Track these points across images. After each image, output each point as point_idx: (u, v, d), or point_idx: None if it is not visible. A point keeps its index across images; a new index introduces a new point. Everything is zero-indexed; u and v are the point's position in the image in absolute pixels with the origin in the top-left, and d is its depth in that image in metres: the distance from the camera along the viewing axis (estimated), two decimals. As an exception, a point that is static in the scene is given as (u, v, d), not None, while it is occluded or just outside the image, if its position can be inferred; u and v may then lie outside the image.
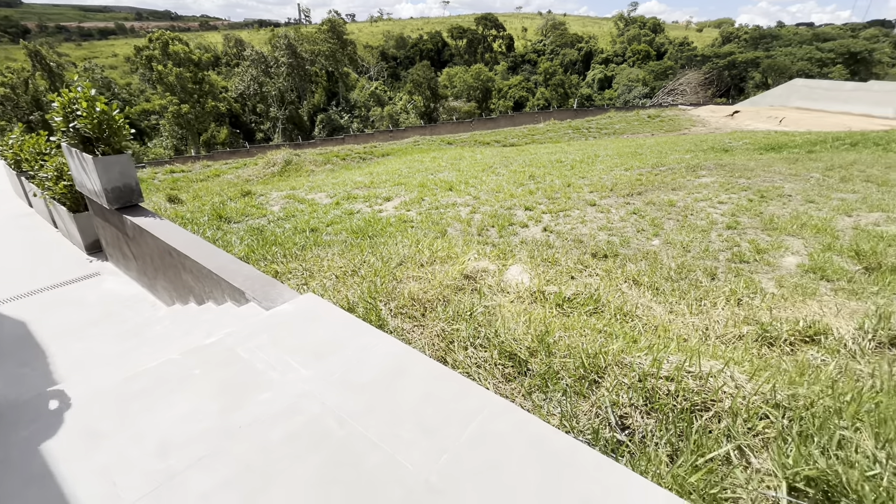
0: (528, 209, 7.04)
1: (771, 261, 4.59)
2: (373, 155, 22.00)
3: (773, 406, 1.94)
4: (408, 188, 9.84)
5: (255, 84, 42.61)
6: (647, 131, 26.50)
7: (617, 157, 13.03)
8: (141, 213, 3.65)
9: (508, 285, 4.10)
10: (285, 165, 17.09)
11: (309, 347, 2.01)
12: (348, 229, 6.89)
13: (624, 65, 66.61)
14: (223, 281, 2.64)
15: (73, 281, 4.17)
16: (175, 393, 1.69)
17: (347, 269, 4.40)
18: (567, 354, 2.64)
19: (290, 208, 8.98)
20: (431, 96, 53.18)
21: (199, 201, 9.74)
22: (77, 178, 3.94)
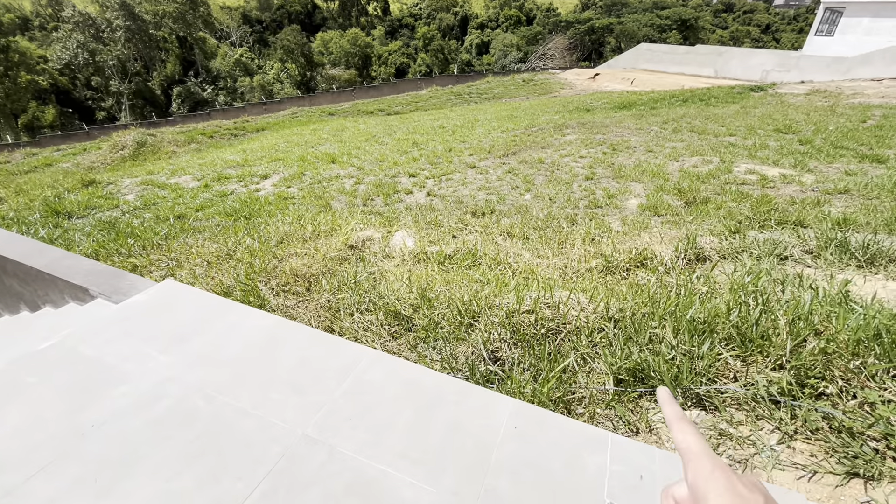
0: (412, 176, 7.14)
1: (619, 204, 5.32)
2: (245, 130, 20.16)
3: (608, 320, 2.34)
4: (287, 164, 9.30)
5: (85, 52, 35.43)
6: (522, 95, 28.02)
7: (495, 120, 13.67)
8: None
9: (393, 251, 4.20)
10: (138, 148, 14.85)
11: (169, 334, 1.90)
12: (221, 212, 6.37)
13: (498, 30, 68.70)
14: (59, 279, 2.31)
15: None
16: (4, 406, 1.50)
17: (220, 254, 4.11)
18: (447, 306, 2.84)
19: (149, 195, 7.97)
20: (307, 64, 49.60)
21: (24, 196, 8.13)
22: None
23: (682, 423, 0.53)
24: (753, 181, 5.68)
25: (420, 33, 65.42)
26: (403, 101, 27.27)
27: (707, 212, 4.62)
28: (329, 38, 55.40)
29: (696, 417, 1.80)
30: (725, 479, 0.46)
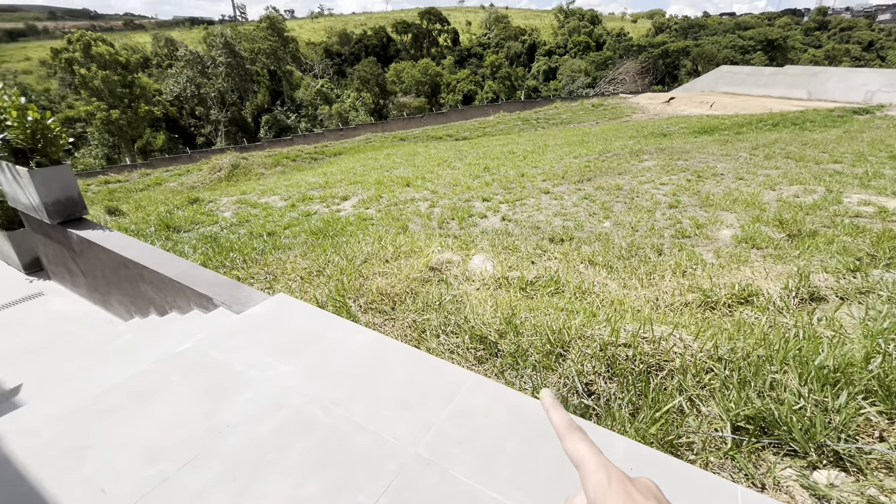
0: (486, 200, 7.22)
1: (709, 234, 5.00)
2: (324, 154, 21.56)
3: (717, 360, 2.17)
4: (364, 186, 9.79)
5: (192, 86, 40.32)
6: (591, 120, 27.58)
7: (566, 145, 13.53)
8: (87, 227, 3.45)
9: (473, 274, 4.24)
10: (232, 170, 16.42)
11: (286, 344, 2.04)
12: (307, 231, 6.80)
13: (566, 56, 68.68)
14: (187, 288, 2.58)
15: (12, 304, 3.86)
16: (155, 401, 1.69)
17: (312, 270, 4.38)
18: (534, 333, 2.80)
19: (243, 213, 8.71)
20: (380, 93, 52.55)
21: (142, 212, 9.23)
22: (10, 194, 3.65)
23: (573, 431, 0.51)
24: (870, 213, 5.10)
25: (488, 61, 67.06)
26: (471, 126, 27.88)
27: (816, 246, 4.21)
28: (401, 69, 58.42)
29: (834, 479, 1.60)
30: (623, 490, 0.46)
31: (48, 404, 1.75)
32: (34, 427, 1.59)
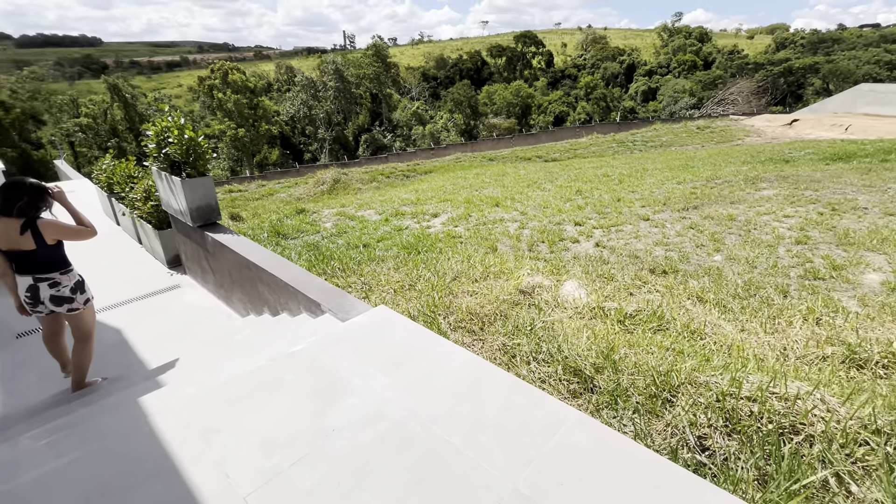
0: (578, 224, 6.96)
1: (850, 278, 4.29)
2: (416, 172, 22.49)
3: (874, 432, 1.82)
4: (454, 204, 10.00)
5: (305, 108, 44.93)
6: (696, 143, 25.56)
7: (667, 170, 12.65)
8: (220, 230, 3.96)
9: (565, 301, 4.08)
10: (334, 184, 17.80)
11: (387, 356, 2.10)
12: (399, 245, 7.07)
13: (669, 76, 64.91)
14: (299, 293, 2.80)
15: (157, 292, 4.54)
16: (272, 396, 1.82)
17: (404, 284, 4.52)
18: (636, 372, 2.60)
19: (342, 225, 9.33)
20: (472, 114, 53.88)
21: (258, 219, 10.32)
22: (164, 199, 4.33)
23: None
24: None
25: (582, 82, 65.71)
26: (562, 148, 27.34)
27: None
28: (494, 91, 59.47)
29: None
30: None
31: (186, 386, 1.96)
32: (175, 406, 1.79)
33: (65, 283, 2.89)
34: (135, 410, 1.78)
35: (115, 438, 1.61)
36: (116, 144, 41.09)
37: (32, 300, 2.85)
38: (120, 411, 1.84)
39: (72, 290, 2.93)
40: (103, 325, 3.89)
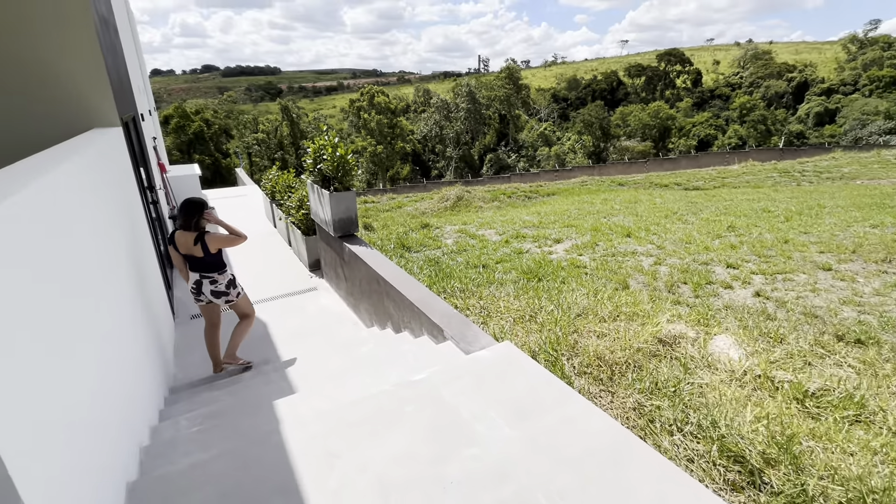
0: (731, 267, 5.97)
1: None
2: (538, 194, 22.06)
3: None
4: (579, 231, 9.45)
5: (437, 127, 47.74)
6: (893, 176, 20.66)
7: (853, 208, 10.35)
8: (356, 242, 4.23)
9: (716, 360, 3.44)
10: (457, 201, 18.34)
11: (511, 402, 1.91)
12: (518, 269, 6.85)
13: (856, 95, 54.16)
14: (423, 315, 2.78)
15: (298, 292, 5.06)
16: (392, 427, 1.75)
17: (524, 313, 4.29)
18: (828, 477, 2.00)
19: (462, 242, 9.44)
20: (602, 136, 51.48)
21: (386, 230, 11.03)
22: (313, 209, 4.81)
23: None
24: None
25: (737, 103, 58.40)
26: (707, 175, 24.43)
27: None
28: (629, 112, 56.09)
29: None
30: None
31: (315, 398, 1.99)
32: (305, 418, 1.83)
33: (220, 281, 3.63)
34: (270, 416, 1.86)
35: (252, 443, 1.69)
36: (281, 156, 48.46)
37: (196, 291, 3.66)
38: (258, 413, 1.94)
39: (226, 286, 3.65)
40: (265, 310, 4.45)
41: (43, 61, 3.28)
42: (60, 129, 3.38)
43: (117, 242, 2.81)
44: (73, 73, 3.35)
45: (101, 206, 2.49)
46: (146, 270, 3.72)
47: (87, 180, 2.28)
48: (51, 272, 1.46)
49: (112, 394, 1.81)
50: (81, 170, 2.19)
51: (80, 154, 2.26)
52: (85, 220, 2.05)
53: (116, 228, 2.85)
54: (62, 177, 1.81)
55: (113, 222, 2.76)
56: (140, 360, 2.59)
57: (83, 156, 2.30)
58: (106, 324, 1.97)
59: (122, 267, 2.81)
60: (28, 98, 3.31)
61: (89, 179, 2.33)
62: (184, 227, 3.45)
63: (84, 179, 2.21)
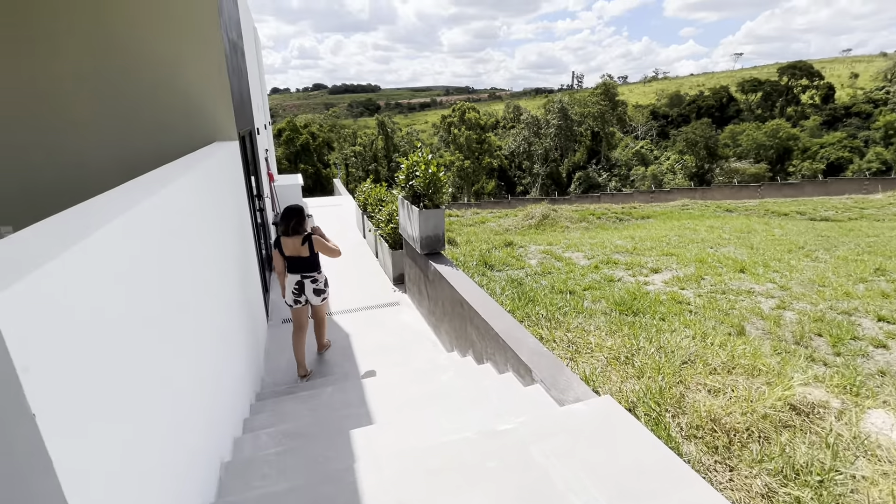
0: (885, 321, 4.91)
1: None
2: (631, 216, 20.67)
3: None
4: (680, 261, 8.56)
5: (526, 144, 47.30)
6: None
7: None
8: (442, 261, 4.15)
9: (874, 442, 2.76)
10: (542, 219, 17.79)
11: (612, 476, 1.61)
12: (609, 298, 6.32)
13: None
14: (509, 349, 2.56)
15: (381, 306, 5.11)
16: (473, 485, 1.56)
17: (619, 354, 3.86)
18: None
19: (547, 264, 9.02)
20: (707, 156, 47.16)
21: (469, 246, 10.95)
22: (402, 224, 4.85)
23: None
24: None
25: (881, 122, 50.27)
26: (839, 205, 21.10)
27: None
28: (740, 131, 50.83)
29: None
30: None
31: (391, 431, 1.85)
32: (379, 458, 1.70)
33: (319, 279, 4.01)
34: (346, 449, 1.76)
35: (325, 480, 1.60)
36: (374, 168, 51.34)
37: (298, 291, 3.97)
38: (335, 442, 1.86)
39: (324, 285, 4.04)
40: (338, 326, 4.55)
41: (179, 83, 3.68)
42: (190, 140, 3.77)
43: (230, 246, 3.01)
44: (202, 92, 3.73)
45: (218, 213, 2.66)
46: (250, 273, 3.98)
47: (207, 188, 2.44)
48: (177, 272, 1.56)
49: (216, 397, 1.85)
50: (201, 179, 2.34)
51: (201, 165, 2.41)
52: (204, 224, 2.19)
53: (229, 233, 3.05)
54: (186, 184, 1.93)
55: (226, 227, 2.95)
56: (241, 364, 2.70)
57: (203, 167, 2.45)
58: (222, 325, 2.05)
59: (232, 269, 2.99)
60: (166, 113, 3.74)
61: (208, 188, 2.49)
62: (285, 231, 3.78)
63: (203, 187, 2.36)
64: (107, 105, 3.61)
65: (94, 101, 3.58)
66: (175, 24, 3.53)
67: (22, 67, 3.44)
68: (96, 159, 3.67)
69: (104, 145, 3.66)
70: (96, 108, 3.59)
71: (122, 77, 3.58)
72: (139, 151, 3.67)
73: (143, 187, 1.64)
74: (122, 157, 3.66)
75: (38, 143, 3.56)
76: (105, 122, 3.64)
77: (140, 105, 3.66)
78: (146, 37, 3.52)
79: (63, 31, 3.40)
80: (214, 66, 3.62)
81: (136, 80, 3.60)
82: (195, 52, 3.58)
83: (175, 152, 3.77)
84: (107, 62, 3.53)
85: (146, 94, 3.65)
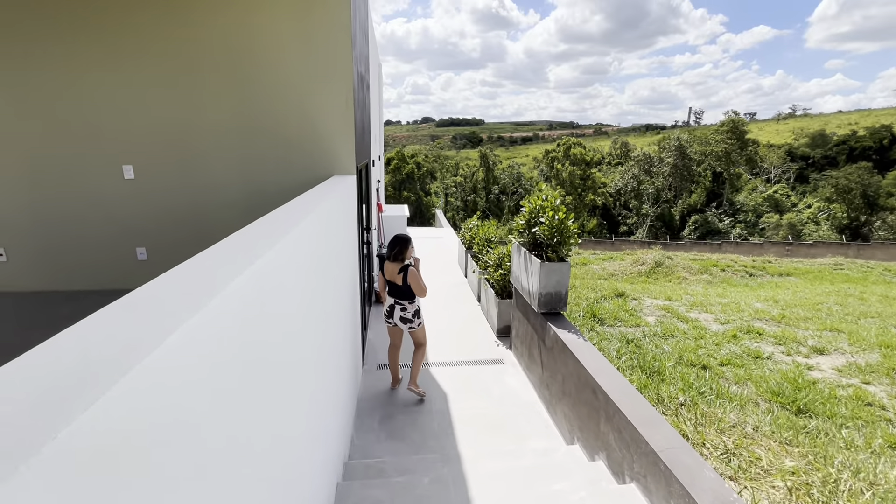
0: None
1: None
2: (765, 272, 17.77)
3: None
4: (854, 340, 6.80)
5: (635, 182, 44.27)
6: None
7: None
8: (563, 325, 3.52)
9: None
10: (655, 266, 15.99)
11: None
12: (760, 383, 5.09)
13: None
14: (674, 480, 1.83)
15: (483, 362, 4.57)
16: None
17: (808, 484, 2.83)
18: None
19: (668, 324, 7.80)
20: (864, 206, 39.74)
21: (574, 292, 10.00)
22: (514, 272, 4.32)
23: None
24: None
25: None
26: None
27: None
28: (913, 178, 42.15)
29: None
30: None
31: None
32: None
33: (409, 309, 4.08)
34: None
35: None
36: (473, 199, 51.96)
37: (389, 314, 4.14)
38: None
39: (412, 315, 4.09)
40: (435, 381, 4.11)
41: (308, 112, 3.67)
42: (311, 171, 3.72)
43: (343, 289, 2.81)
44: (327, 124, 3.68)
45: (333, 253, 2.46)
46: (355, 314, 3.75)
47: (325, 231, 2.27)
48: (296, 325, 1.36)
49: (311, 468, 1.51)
50: (321, 222, 2.17)
51: (321, 207, 2.19)
52: (321, 268, 2.02)
53: (342, 273, 2.85)
54: (307, 229, 1.84)
55: (340, 269, 2.75)
56: (339, 423, 2.38)
57: (324, 209, 2.24)
58: (330, 386, 1.77)
59: (344, 316, 2.75)
60: (291, 143, 3.74)
61: (326, 230, 2.32)
62: (391, 257, 3.96)
63: (321, 231, 2.19)
64: (234, 133, 3.70)
65: (224, 130, 3.70)
66: (310, 51, 3.53)
67: (172, 100, 3.68)
68: (220, 185, 3.77)
69: (229, 171, 3.75)
70: (224, 137, 3.70)
71: (254, 105, 3.65)
72: (262, 183, 3.71)
73: (265, 234, 1.52)
74: (245, 186, 3.72)
75: (173, 171, 3.76)
76: (230, 152, 3.74)
77: (266, 133, 3.71)
78: (281, 61, 3.57)
79: (206, 65, 3.59)
80: (342, 99, 3.55)
81: (266, 108, 3.65)
82: (326, 83, 3.55)
83: (296, 183, 3.73)
84: (241, 91, 3.64)
85: (274, 121, 3.68)
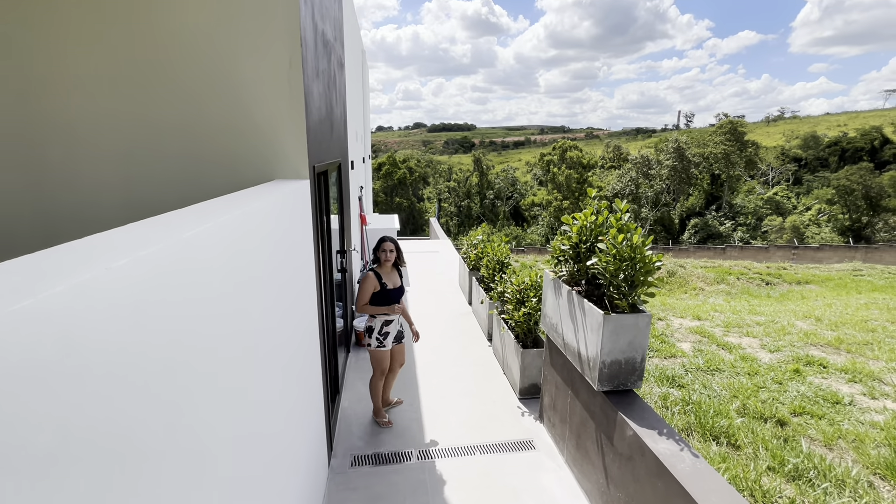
0: None
1: None
2: (781, 279, 16.68)
3: None
4: (945, 377, 5.57)
5: (632, 185, 43.27)
6: None
7: None
8: (636, 411, 2.18)
9: None
10: (667, 276, 14.83)
11: None
12: (858, 447, 3.84)
13: None
14: None
15: (505, 447, 3.16)
16: None
17: None
18: None
19: (708, 353, 6.54)
20: (867, 207, 39.10)
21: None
22: (548, 316, 2.99)
23: None
24: None
25: None
26: None
27: None
28: (909, 178, 41.67)
29: None
30: None
31: None
32: None
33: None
34: None
35: None
36: (467, 205, 50.74)
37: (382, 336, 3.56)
38: None
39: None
40: (438, 484, 2.68)
41: (234, 93, 2.35)
42: (237, 177, 2.39)
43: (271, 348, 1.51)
44: (266, 113, 2.36)
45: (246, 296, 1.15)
46: (308, 375, 2.45)
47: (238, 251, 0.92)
48: None
49: None
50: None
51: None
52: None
53: (272, 334, 1.56)
54: None
55: (267, 326, 1.46)
56: None
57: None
58: None
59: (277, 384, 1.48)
60: (209, 142, 2.41)
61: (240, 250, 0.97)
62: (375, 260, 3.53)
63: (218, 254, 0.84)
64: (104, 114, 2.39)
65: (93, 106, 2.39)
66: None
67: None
68: (91, 192, 2.46)
69: (103, 157, 2.43)
70: (100, 107, 2.39)
71: (142, 50, 2.33)
72: (148, 191, 2.40)
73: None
74: (125, 196, 2.41)
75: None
76: (105, 149, 2.42)
77: (157, 113, 2.38)
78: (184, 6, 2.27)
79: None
80: (284, 62, 2.24)
81: (159, 67, 2.33)
82: (256, 36, 2.24)
83: (205, 192, 2.42)
84: (114, 43, 2.34)
85: (169, 92, 2.35)
